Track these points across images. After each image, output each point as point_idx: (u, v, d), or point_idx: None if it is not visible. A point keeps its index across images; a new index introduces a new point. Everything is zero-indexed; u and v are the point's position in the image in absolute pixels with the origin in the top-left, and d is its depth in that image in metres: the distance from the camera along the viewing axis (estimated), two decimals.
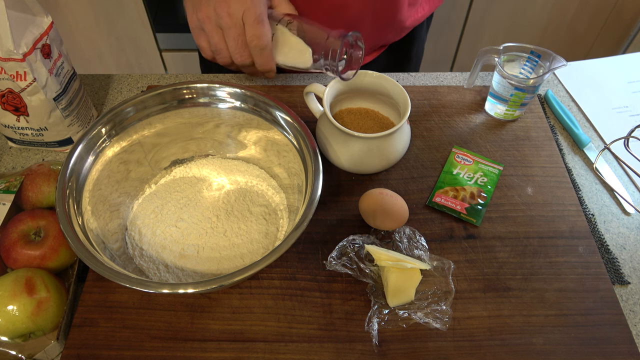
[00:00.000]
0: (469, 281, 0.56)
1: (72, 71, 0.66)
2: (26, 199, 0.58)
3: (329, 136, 0.61)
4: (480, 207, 0.61)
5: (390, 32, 0.78)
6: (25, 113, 0.62)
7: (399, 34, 0.81)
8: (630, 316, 0.54)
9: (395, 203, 0.56)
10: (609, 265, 0.58)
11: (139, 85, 0.78)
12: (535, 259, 0.57)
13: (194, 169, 0.64)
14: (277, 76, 0.78)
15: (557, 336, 0.52)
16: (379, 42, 0.80)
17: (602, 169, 0.67)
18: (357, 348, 0.51)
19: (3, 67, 0.57)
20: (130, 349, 0.51)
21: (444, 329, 0.52)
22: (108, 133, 0.57)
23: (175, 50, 1.70)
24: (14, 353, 0.49)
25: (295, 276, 0.56)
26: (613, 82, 0.79)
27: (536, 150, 0.68)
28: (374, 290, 0.54)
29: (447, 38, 1.65)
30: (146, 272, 0.55)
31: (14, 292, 0.49)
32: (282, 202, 0.61)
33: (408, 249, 0.56)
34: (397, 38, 0.81)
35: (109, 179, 0.57)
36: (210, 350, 0.51)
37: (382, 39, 0.79)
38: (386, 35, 0.79)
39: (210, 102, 0.61)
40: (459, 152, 0.67)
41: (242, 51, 0.57)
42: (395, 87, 0.61)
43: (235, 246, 0.56)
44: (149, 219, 0.59)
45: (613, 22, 1.58)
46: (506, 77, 0.66)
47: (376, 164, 0.61)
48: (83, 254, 0.46)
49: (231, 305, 0.54)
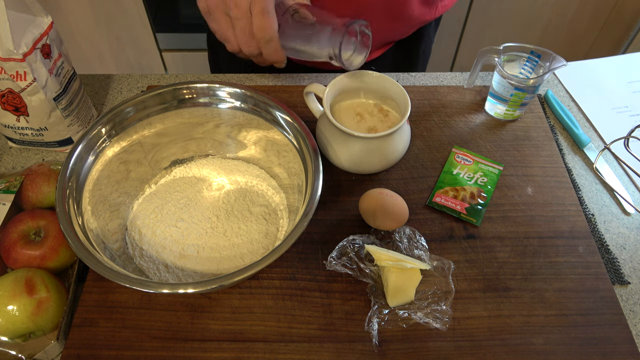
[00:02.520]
0: (469, 281, 0.56)
1: (72, 71, 0.66)
2: (26, 199, 0.58)
3: (329, 136, 0.61)
4: (480, 207, 0.61)
5: (399, 26, 0.77)
6: (25, 113, 0.62)
7: (408, 30, 0.80)
8: (630, 316, 0.54)
9: (395, 203, 0.56)
10: (609, 265, 0.58)
11: (139, 85, 0.78)
12: (535, 259, 0.57)
13: (194, 169, 0.64)
14: (277, 76, 0.78)
15: (557, 336, 0.52)
16: (387, 36, 0.79)
17: (602, 169, 0.67)
18: (357, 348, 0.51)
19: (3, 67, 0.57)
20: (130, 349, 0.51)
21: (444, 329, 0.52)
22: (108, 133, 0.57)
23: (175, 50, 1.70)
24: (14, 353, 0.49)
25: (295, 276, 0.56)
26: (613, 82, 0.79)
27: (536, 150, 0.68)
28: (374, 290, 0.54)
29: (447, 38, 1.65)
30: (146, 272, 0.55)
31: (14, 292, 0.49)
32: (282, 202, 0.61)
33: (408, 249, 0.56)
34: (405, 35, 0.81)
35: (109, 179, 0.57)
36: (210, 350, 0.51)
37: (390, 33, 0.79)
38: (395, 29, 0.78)
39: (210, 102, 0.61)
40: (459, 152, 0.67)
41: (249, 42, 0.56)
42: (395, 87, 0.61)
43: (235, 246, 0.56)
44: (149, 219, 0.59)
45: (613, 22, 1.58)
46: (506, 77, 0.66)
47: (376, 164, 0.61)
48: (83, 254, 0.46)
49: (231, 305, 0.54)
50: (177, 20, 1.60)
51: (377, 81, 0.63)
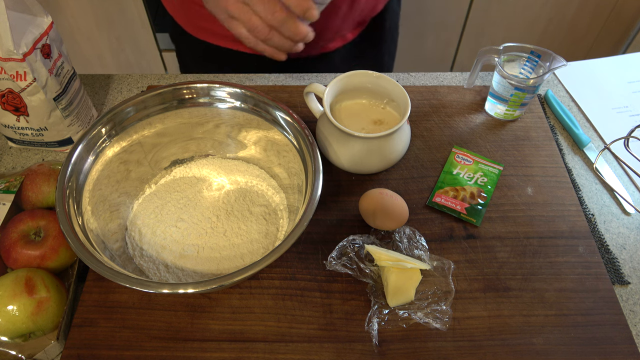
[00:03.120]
0: (469, 281, 0.56)
1: (72, 71, 0.66)
2: (26, 199, 0.58)
3: (329, 136, 0.61)
4: (480, 207, 0.61)
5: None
6: (25, 113, 0.62)
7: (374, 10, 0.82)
8: (630, 316, 0.54)
9: (395, 203, 0.56)
10: (609, 265, 0.58)
11: (139, 85, 0.78)
12: (535, 259, 0.57)
13: (194, 169, 0.64)
14: (277, 76, 0.78)
15: (557, 336, 0.52)
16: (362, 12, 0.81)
17: (602, 169, 0.67)
18: (357, 348, 0.51)
19: (3, 67, 0.57)
20: (130, 349, 0.51)
21: (444, 329, 0.52)
22: (108, 133, 0.57)
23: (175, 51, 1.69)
24: (14, 353, 0.49)
25: (295, 276, 0.56)
26: (613, 82, 0.79)
27: (536, 150, 0.68)
28: (374, 290, 0.54)
29: (447, 38, 1.65)
30: (146, 272, 0.55)
31: (14, 292, 0.49)
32: (282, 202, 0.61)
33: (408, 249, 0.56)
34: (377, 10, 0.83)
35: (109, 179, 0.57)
36: (210, 350, 0.51)
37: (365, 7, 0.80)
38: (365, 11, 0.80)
39: (210, 102, 0.61)
40: (459, 152, 0.67)
41: (272, 6, 0.55)
42: (395, 87, 0.61)
43: (235, 246, 0.56)
44: (149, 219, 0.59)
45: (613, 22, 1.58)
46: (506, 77, 0.66)
47: (376, 164, 0.61)
48: (83, 254, 0.46)
49: (231, 305, 0.54)
50: None
51: (377, 81, 0.63)
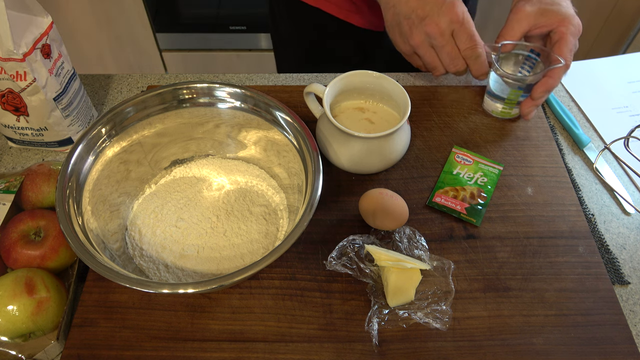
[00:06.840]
0: (469, 281, 0.56)
1: (72, 71, 0.66)
2: (26, 199, 0.58)
3: (329, 136, 0.61)
4: (480, 207, 0.61)
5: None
6: (25, 113, 0.62)
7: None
8: (630, 316, 0.54)
9: (395, 203, 0.56)
10: (609, 265, 0.58)
11: (139, 85, 0.78)
12: (535, 259, 0.57)
13: (194, 169, 0.64)
14: (277, 76, 0.79)
15: (557, 336, 0.52)
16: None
17: (602, 169, 0.67)
18: (357, 348, 0.51)
19: (3, 67, 0.57)
20: (130, 349, 0.51)
21: (444, 329, 0.52)
22: (108, 133, 0.57)
23: (175, 50, 1.70)
24: (14, 353, 0.49)
25: (295, 276, 0.56)
26: (613, 82, 0.79)
27: (536, 150, 0.68)
28: (374, 290, 0.54)
29: None
30: (146, 272, 0.55)
31: (14, 292, 0.49)
32: (282, 202, 0.61)
33: (408, 249, 0.56)
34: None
35: (109, 179, 0.57)
36: (210, 350, 0.51)
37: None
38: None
39: (210, 102, 0.61)
40: (459, 152, 0.67)
41: (456, 62, 0.63)
42: (395, 87, 0.61)
43: (235, 246, 0.56)
44: (149, 219, 0.59)
45: (613, 22, 1.58)
46: (501, 75, 0.66)
47: (376, 164, 0.61)
48: (83, 254, 0.46)
49: (231, 305, 0.54)
50: (177, 20, 1.60)
51: (377, 81, 0.62)
